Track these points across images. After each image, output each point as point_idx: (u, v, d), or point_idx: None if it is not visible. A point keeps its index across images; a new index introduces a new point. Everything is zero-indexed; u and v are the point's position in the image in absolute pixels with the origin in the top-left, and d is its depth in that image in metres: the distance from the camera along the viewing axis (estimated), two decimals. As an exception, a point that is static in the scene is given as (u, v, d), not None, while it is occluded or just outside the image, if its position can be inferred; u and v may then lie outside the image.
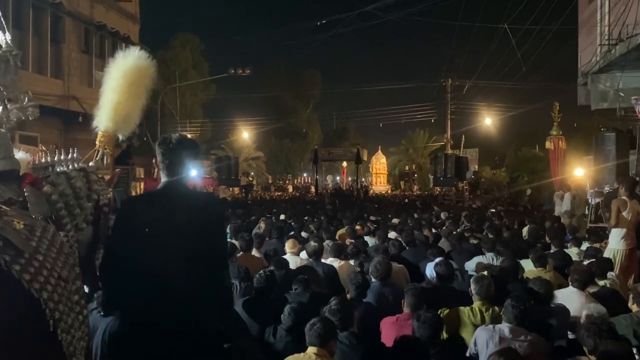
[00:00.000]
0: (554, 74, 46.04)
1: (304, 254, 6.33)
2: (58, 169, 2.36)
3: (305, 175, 51.50)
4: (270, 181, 44.14)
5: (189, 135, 3.00)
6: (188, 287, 2.48)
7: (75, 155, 2.45)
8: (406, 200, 22.82)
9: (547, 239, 8.21)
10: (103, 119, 2.86)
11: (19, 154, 2.32)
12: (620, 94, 12.16)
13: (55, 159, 2.41)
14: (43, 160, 2.36)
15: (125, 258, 2.41)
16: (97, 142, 2.81)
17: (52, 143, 16.27)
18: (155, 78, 3.04)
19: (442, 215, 12.23)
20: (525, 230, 9.57)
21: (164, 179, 2.70)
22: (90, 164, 2.59)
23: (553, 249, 7.14)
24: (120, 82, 2.81)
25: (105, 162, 2.75)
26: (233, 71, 23.55)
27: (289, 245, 6.54)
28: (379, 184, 39.42)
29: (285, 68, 51.44)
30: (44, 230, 2.05)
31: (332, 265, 5.68)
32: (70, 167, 2.41)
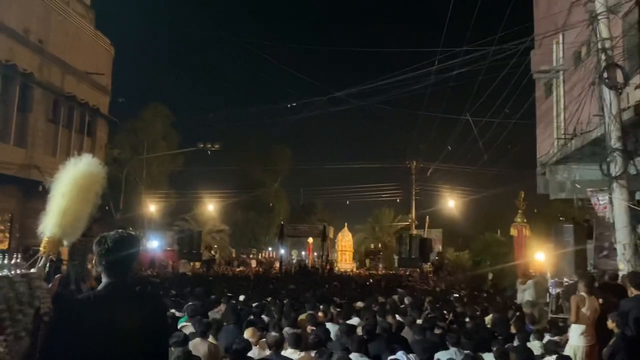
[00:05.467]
0: (515, 161, 47.56)
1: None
2: (0, 273, 2.27)
3: (270, 249, 50.86)
4: (234, 255, 43.36)
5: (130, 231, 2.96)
6: None
7: (18, 260, 2.36)
8: (371, 280, 22.66)
9: (511, 329, 8.20)
10: (50, 225, 2.75)
11: None
12: (577, 185, 12.61)
13: None
14: None
15: None
16: (41, 248, 2.69)
17: (9, 212, 15.80)
18: (102, 168, 2.97)
19: (406, 300, 12.11)
20: (488, 319, 9.54)
21: (104, 279, 2.64)
22: (32, 270, 2.48)
23: (516, 342, 7.11)
24: (70, 188, 2.75)
25: (47, 269, 2.62)
26: (202, 145, 23.56)
27: (247, 334, 6.31)
28: (345, 262, 39.20)
29: (255, 142, 52.02)
30: None
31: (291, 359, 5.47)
32: (13, 272, 2.31)
